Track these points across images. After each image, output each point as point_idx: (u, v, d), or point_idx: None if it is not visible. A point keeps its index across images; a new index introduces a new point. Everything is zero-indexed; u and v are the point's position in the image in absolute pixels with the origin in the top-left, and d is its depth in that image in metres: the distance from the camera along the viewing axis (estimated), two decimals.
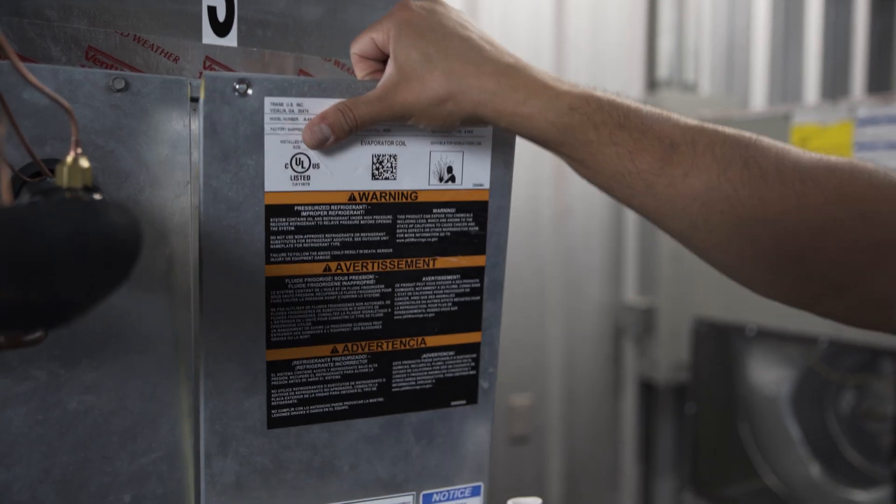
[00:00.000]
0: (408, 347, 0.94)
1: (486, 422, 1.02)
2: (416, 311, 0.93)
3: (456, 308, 0.95)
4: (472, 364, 0.98)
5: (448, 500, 1.03)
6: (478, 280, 0.96)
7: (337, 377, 0.91)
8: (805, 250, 0.77)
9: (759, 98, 3.16)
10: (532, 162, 2.82)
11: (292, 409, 0.90)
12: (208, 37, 0.95)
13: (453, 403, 0.99)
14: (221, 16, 0.96)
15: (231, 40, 0.96)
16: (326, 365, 0.91)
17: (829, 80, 3.10)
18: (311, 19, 1.01)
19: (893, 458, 2.03)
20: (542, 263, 2.93)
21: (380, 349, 0.93)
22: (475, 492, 1.07)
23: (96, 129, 0.83)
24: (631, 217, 3.08)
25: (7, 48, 0.66)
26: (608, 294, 3.13)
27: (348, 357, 0.91)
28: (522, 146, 3.02)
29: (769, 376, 2.44)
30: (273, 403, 0.89)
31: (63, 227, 0.55)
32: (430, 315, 0.94)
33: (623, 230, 3.11)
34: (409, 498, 0.99)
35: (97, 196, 0.68)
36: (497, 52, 0.83)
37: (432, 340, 0.95)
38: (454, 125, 0.86)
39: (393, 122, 0.86)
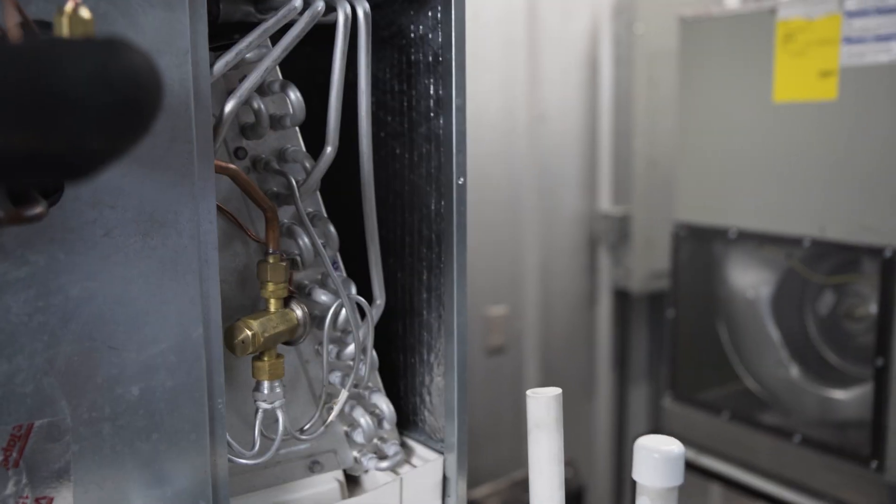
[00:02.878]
0: None
1: None
2: None
3: None
4: None
5: None
6: None
7: None
8: None
9: None
10: (505, 68, 2.74)
11: None
12: None
13: None
14: None
15: None
16: None
17: None
18: None
19: (875, 356, 2.05)
20: (516, 172, 2.88)
21: None
22: None
23: None
24: (606, 123, 3.03)
25: None
26: (583, 203, 3.10)
27: None
28: (495, 48, 2.94)
29: (749, 279, 2.44)
30: None
31: (86, 64, 0.48)
32: None
33: (598, 137, 3.06)
34: None
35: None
36: None
37: None
38: None
39: None
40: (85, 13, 0.64)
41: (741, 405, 2.46)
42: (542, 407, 0.99)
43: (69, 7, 0.63)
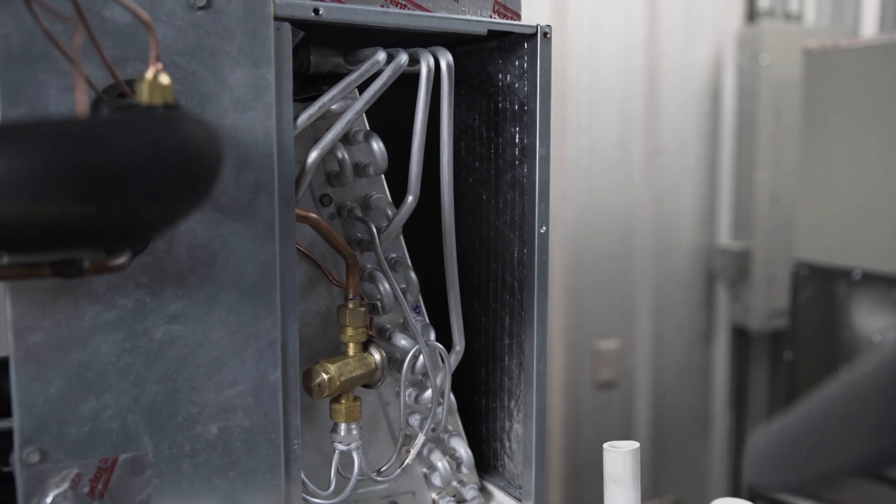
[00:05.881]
0: None
1: None
2: None
3: None
4: None
5: None
6: None
7: None
8: None
9: (869, 27, 2.96)
10: (623, 98, 2.71)
11: None
12: None
13: None
14: None
15: None
16: None
17: None
18: None
19: None
20: (631, 204, 2.84)
21: None
22: None
23: (178, 49, 0.80)
24: (727, 155, 2.95)
25: None
26: (701, 236, 3.02)
27: None
28: (613, 80, 2.91)
29: (875, 323, 2.31)
30: None
31: (138, 139, 0.51)
32: None
33: (718, 170, 2.98)
34: None
35: (181, 111, 0.64)
36: None
37: None
38: None
39: None
40: (164, 79, 0.68)
41: None
42: (619, 462, 0.97)
43: (149, 74, 0.67)
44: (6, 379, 0.88)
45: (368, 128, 1.01)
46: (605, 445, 0.98)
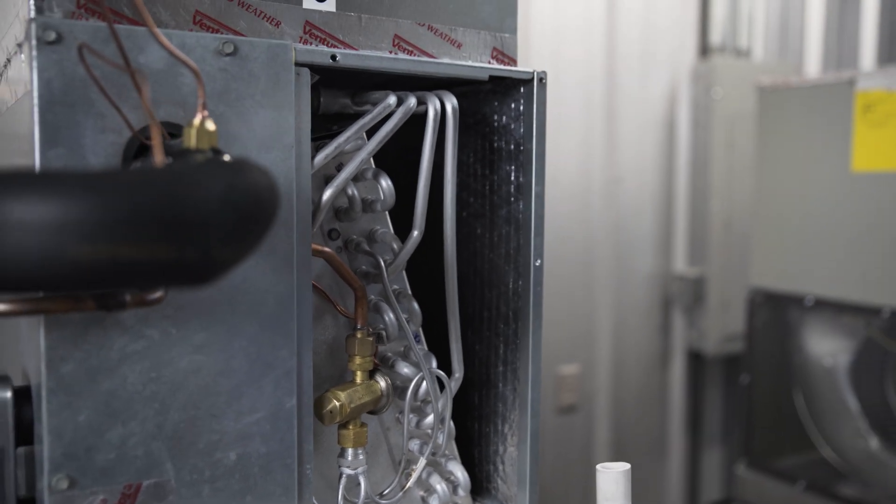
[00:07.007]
0: None
1: None
2: None
3: None
4: None
5: None
6: None
7: None
8: None
9: (813, 64, 3.11)
10: (583, 129, 2.80)
11: None
12: (308, 2, 0.95)
13: None
14: None
15: (330, 5, 0.97)
16: None
17: (886, 44, 3.05)
18: None
19: None
20: (591, 232, 2.92)
21: None
22: None
23: (207, 92, 0.84)
24: (682, 185, 3.06)
25: (143, 10, 0.67)
26: (658, 264, 3.12)
27: None
28: (573, 113, 3.00)
29: (826, 347, 2.42)
30: None
31: (216, 185, 0.56)
32: None
33: (674, 199, 3.09)
34: None
35: (227, 157, 0.69)
36: None
37: None
38: None
39: None
40: (210, 125, 0.73)
41: (818, 475, 2.43)
42: (612, 482, 1.03)
43: (197, 120, 0.72)
44: (27, 408, 0.91)
45: (374, 165, 1.06)
46: (599, 467, 1.04)
